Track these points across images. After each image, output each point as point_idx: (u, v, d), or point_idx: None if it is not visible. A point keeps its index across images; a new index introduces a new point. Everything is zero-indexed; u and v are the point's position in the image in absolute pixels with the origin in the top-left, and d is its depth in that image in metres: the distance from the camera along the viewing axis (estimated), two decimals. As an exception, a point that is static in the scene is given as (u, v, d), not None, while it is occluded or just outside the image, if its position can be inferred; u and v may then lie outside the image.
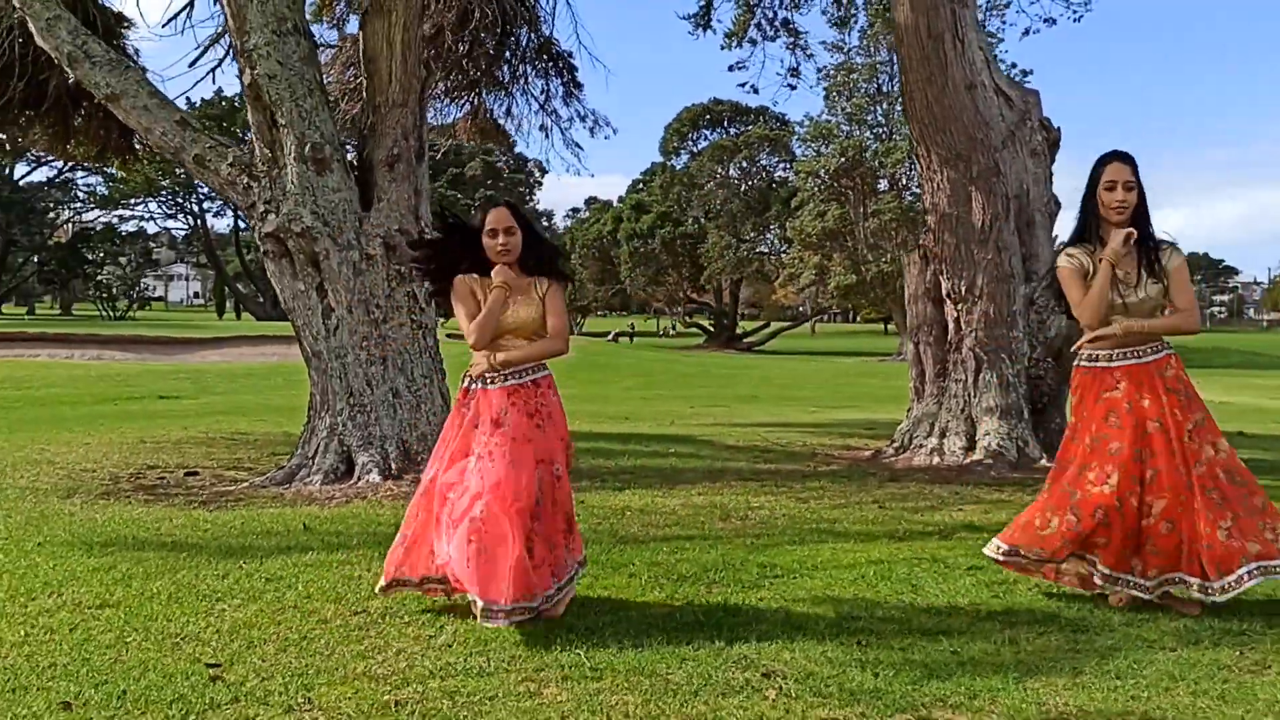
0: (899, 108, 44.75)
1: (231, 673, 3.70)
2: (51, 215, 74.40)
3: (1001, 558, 4.64)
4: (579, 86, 14.73)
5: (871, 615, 4.39)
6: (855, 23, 18.58)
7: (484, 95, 14.48)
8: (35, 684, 3.59)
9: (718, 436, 11.93)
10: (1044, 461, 9.04)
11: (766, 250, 58.84)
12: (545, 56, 14.38)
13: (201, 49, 11.87)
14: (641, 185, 64.83)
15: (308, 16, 14.06)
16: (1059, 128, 9.66)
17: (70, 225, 78.04)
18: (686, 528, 6.25)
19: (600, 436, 11.86)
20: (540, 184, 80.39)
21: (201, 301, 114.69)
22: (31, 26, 8.92)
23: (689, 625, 4.22)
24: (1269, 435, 13.37)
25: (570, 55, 14.39)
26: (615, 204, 67.34)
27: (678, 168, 60.12)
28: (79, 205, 75.31)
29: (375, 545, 5.71)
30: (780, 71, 14.26)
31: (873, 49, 45.08)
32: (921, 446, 9.64)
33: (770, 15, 14.21)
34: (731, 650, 3.90)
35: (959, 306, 9.53)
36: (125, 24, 12.15)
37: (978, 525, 6.23)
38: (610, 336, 62.50)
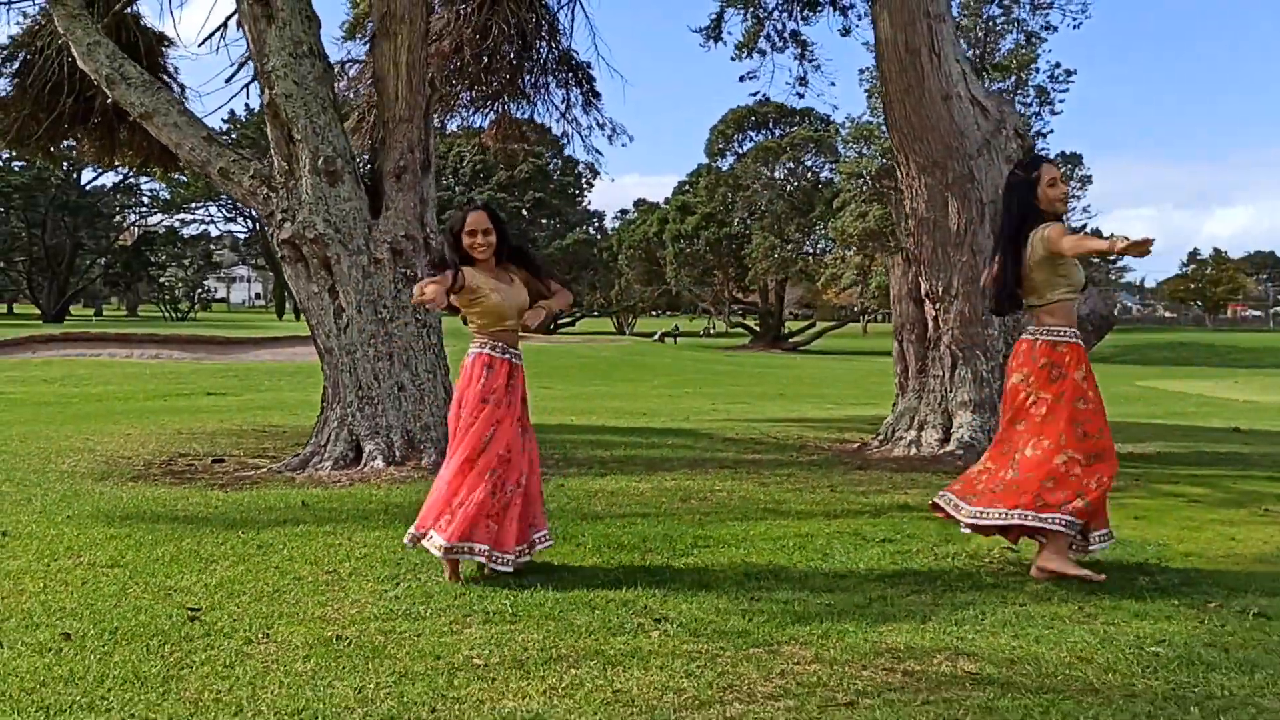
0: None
1: (209, 616, 4.38)
2: (117, 219, 76.60)
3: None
4: (597, 95, 15.38)
5: (775, 577, 4.99)
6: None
7: (508, 105, 15.23)
8: (45, 622, 4.30)
9: (721, 430, 12.51)
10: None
11: (811, 251, 59.15)
12: (565, 68, 15.05)
13: (236, 66, 12.73)
14: (688, 187, 65.44)
15: (340, 34, 14.97)
16: (1034, 136, 10.12)
17: (135, 229, 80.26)
18: (646, 507, 6.87)
19: (609, 430, 12.50)
20: (591, 185, 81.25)
21: (263, 303, 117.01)
22: (74, 51, 9.75)
23: (610, 583, 4.84)
24: (1263, 431, 13.67)
25: (589, 66, 15.06)
26: (662, 205, 68.00)
27: (724, 169, 60.64)
28: (143, 209, 77.52)
29: (361, 520, 6.41)
30: (789, 81, 14.76)
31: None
32: (902, 439, 10.16)
33: (779, 27, 14.74)
34: (637, 603, 4.52)
35: (937, 306, 10.04)
36: (165, 43, 13.03)
37: (912, 506, 6.79)
38: (656, 336, 63.50)
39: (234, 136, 63.21)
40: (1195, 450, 10.76)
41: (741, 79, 14.88)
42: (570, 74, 15.10)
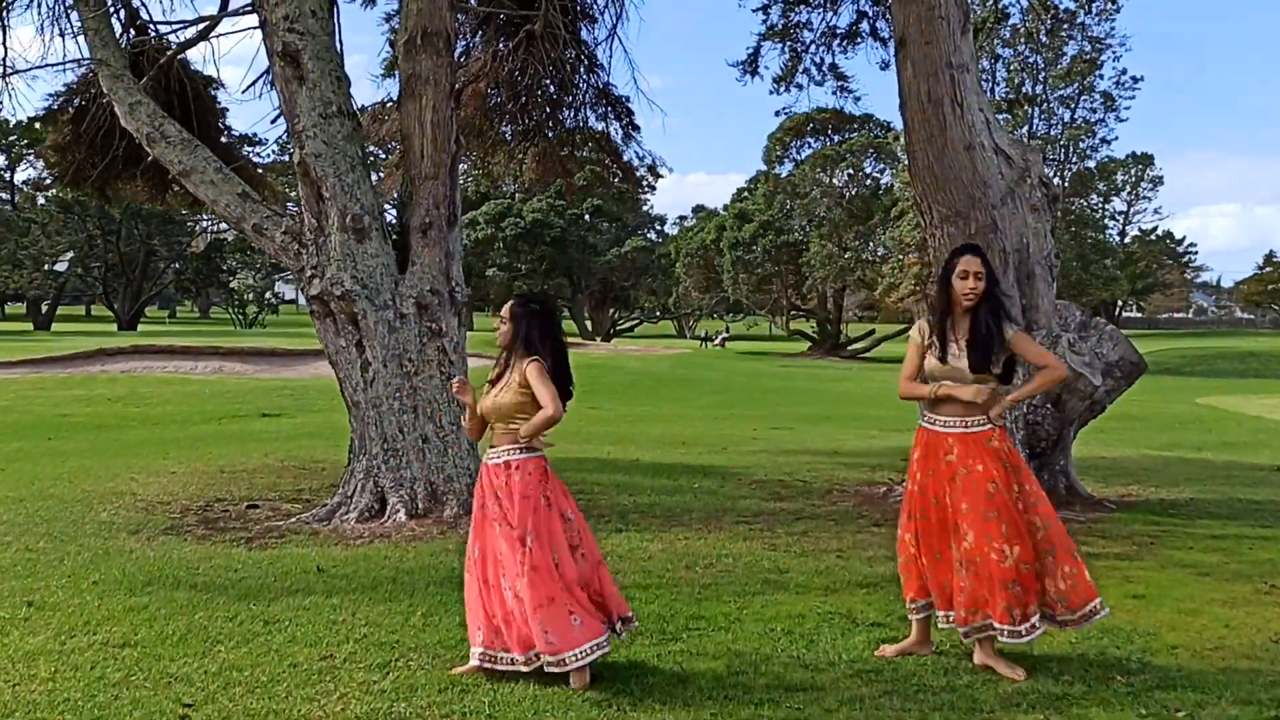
0: (1001, 117, 44.47)
1: (200, 711, 4.59)
2: (189, 226, 78.52)
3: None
4: (636, 129, 15.54)
5: (756, 670, 5.08)
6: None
7: (549, 139, 15.46)
8: (48, 717, 4.53)
9: (751, 470, 12.55)
10: (1037, 505, 9.50)
11: (870, 258, 58.73)
12: (604, 101, 15.21)
13: (278, 111, 13.06)
14: (746, 193, 65.36)
15: (380, 72, 15.29)
16: (1058, 183, 10.08)
17: (205, 236, 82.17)
18: (650, 576, 6.98)
19: (641, 469, 12.60)
20: (654, 188, 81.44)
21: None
22: (117, 109, 10.12)
23: (593, 676, 4.97)
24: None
25: (628, 100, 15.21)
26: (720, 212, 68.05)
27: (782, 176, 60.46)
28: (213, 216, 79.28)
29: (369, 590, 6.61)
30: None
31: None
32: (925, 487, 10.16)
33: (818, 61, 14.75)
34: (613, 704, 4.64)
35: (960, 355, 10.01)
36: (214, 85, 13.41)
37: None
38: (718, 341, 63.99)
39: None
40: (1228, 498, 10.62)
41: (777, 113, 14.97)
42: (609, 108, 15.27)
